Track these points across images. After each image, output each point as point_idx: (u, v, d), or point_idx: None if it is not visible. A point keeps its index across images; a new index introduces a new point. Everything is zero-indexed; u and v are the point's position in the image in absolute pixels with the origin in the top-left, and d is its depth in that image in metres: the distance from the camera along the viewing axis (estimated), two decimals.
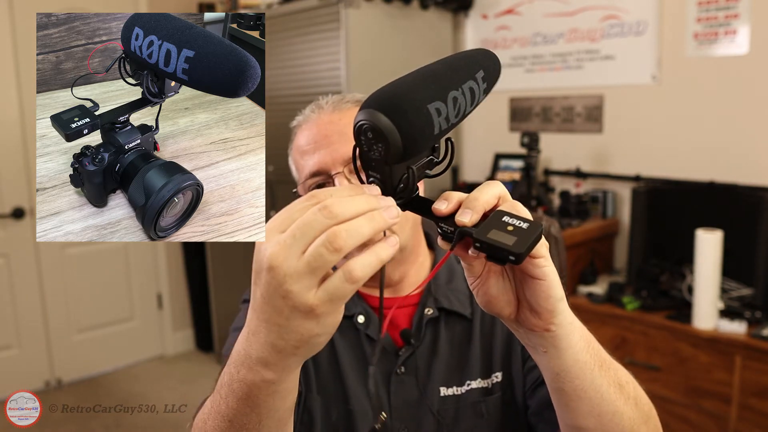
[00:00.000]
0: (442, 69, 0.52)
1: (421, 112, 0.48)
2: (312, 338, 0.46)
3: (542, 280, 0.53)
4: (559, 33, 2.52)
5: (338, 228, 0.43)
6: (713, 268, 1.80)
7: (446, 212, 0.52)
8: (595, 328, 2.10)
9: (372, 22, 2.46)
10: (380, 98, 0.48)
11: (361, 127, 0.48)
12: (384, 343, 0.89)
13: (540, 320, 0.55)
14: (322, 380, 0.88)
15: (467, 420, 0.86)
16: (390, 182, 0.51)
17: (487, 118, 2.81)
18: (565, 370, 0.58)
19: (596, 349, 0.61)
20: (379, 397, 0.86)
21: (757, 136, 2.07)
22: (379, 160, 0.49)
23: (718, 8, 2.09)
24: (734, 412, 1.77)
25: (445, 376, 0.87)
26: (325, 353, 0.89)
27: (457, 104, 0.51)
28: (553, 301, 0.54)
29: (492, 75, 0.56)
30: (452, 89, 0.51)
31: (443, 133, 0.52)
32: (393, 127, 0.47)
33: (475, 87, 0.54)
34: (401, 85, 0.49)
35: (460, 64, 0.54)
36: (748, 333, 1.76)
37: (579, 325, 0.59)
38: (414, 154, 0.50)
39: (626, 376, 0.64)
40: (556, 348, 0.57)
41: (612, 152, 2.43)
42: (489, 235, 0.48)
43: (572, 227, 2.21)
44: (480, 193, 0.52)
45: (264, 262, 0.44)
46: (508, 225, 0.49)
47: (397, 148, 0.48)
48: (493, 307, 0.57)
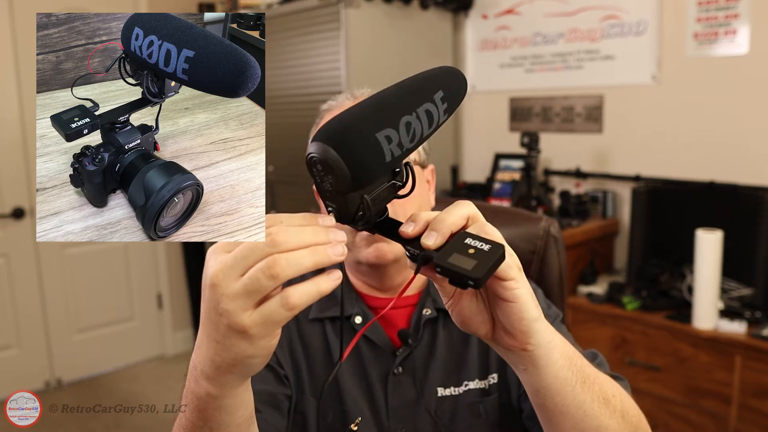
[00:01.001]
0: (395, 94, 0.52)
1: (369, 142, 0.48)
2: (246, 359, 0.46)
3: (513, 302, 0.53)
4: (559, 33, 2.52)
5: (279, 256, 0.44)
6: (713, 268, 1.80)
7: (412, 234, 0.51)
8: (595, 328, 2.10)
9: (372, 22, 2.46)
10: (329, 130, 0.48)
11: (311, 159, 0.49)
12: (381, 343, 0.89)
13: (515, 341, 0.55)
14: (317, 382, 0.88)
15: (464, 420, 0.86)
16: (346, 211, 0.51)
17: (487, 118, 2.81)
18: (545, 387, 0.58)
19: (579, 365, 0.60)
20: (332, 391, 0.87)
21: (757, 136, 2.07)
22: (332, 191, 0.50)
23: (718, 8, 2.09)
24: (734, 412, 1.77)
25: (442, 376, 0.87)
26: (320, 355, 0.89)
27: (411, 129, 0.51)
28: (527, 323, 0.54)
29: (455, 94, 0.55)
30: (405, 114, 0.50)
31: (398, 159, 0.51)
32: (340, 159, 0.47)
33: (432, 109, 0.53)
34: (350, 115, 0.49)
35: (416, 86, 0.53)
36: (748, 333, 1.76)
37: (560, 343, 0.59)
38: (366, 184, 0.50)
39: (613, 389, 0.64)
40: (535, 366, 0.57)
41: (612, 152, 2.43)
42: (449, 259, 0.48)
43: (572, 227, 2.21)
44: (447, 215, 0.52)
45: (207, 279, 0.46)
46: (470, 248, 0.49)
47: (346, 179, 0.48)
48: (468, 326, 0.57)
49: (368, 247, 0.86)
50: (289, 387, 0.87)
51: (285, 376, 0.87)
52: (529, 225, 1.16)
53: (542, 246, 1.14)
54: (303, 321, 0.92)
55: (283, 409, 0.84)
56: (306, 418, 0.86)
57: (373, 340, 0.89)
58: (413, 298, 0.93)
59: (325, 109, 0.95)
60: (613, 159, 2.42)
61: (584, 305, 2.07)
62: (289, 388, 0.87)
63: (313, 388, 0.88)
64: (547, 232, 1.14)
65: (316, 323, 0.92)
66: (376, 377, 0.87)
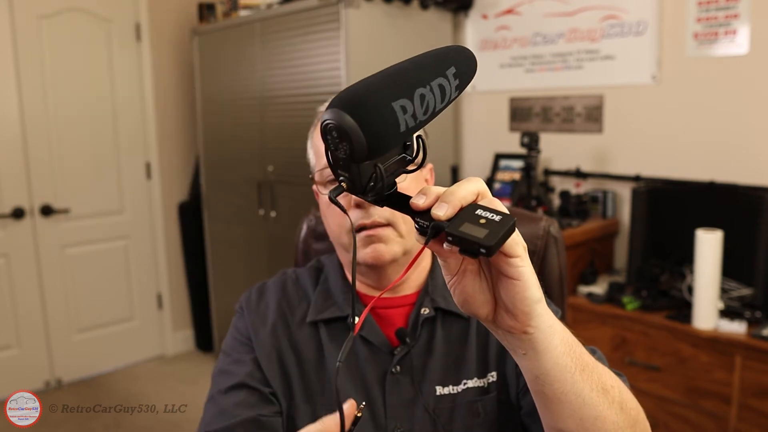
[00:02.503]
0: (409, 67, 0.53)
1: (385, 110, 0.49)
2: None
3: (517, 280, 0.53)
4: (559, 33, 2.52)
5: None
6: (713, 268, 1.80)
7: (423, 207, 0.52)
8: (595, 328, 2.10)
9: (372, 22, 2.46)
10: (345, 98, 0.49)
11: (327, 126, 0.49)
12: (378, 342, 0.89)
13: (517, 322, 0.55)
14: (309, 389, 0.88)
15: (463, 419, 0.85)
16: (359, 180, 0.51)
17: (487, 118, 2.81)
18: (544, 373, 0.58)
19: (578, 353, 0.60)
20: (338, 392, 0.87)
21: (757, 136, 2.07)
22: (346, 159, 0.50)
23: (718, 8, 2.09)
24: (734, 412, 1.77)
25: (440, 375, 0.87)
26: (312, 362, 0.89)
27: (425, 102, 0.51)
28: (530, 303, 0.54)
29: (466, 72, 0.56)
30: (419, 87, 0.51)
31: (411, 131, 0.52)
32: (356, 126, 0.48)
33: (445, 84, 0.53)
34: (366, 84, 0.50)
35: (429, 61, 0.54)
36: (748, 333, 1.76)
37: (560, 329, 0.58)
38: (381, 153, 0.50)
39: (611, 380, 0.63)
40: (535, 350, 0.56)
41: (612, 152, 2.43)
42: (461, 228, 0.48)
43: (572, 227, 2.21)
44: (457, 188, 0.52)
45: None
46: (481, 218, 0.49)
47: (362, 146, 0.48)
48: (470, 306, 0.57)
49: (365, 247, 0.86)
50: (276, 404, 0.87)
51: (272, 394, 0.87)
52: (529, 225, 1.16)
53: (542, 246, 1.14)
54: (294, 327, 0.92)
55: (274, 428, 0.85)
56: (296, 425, 0.86)
57: (369, 340, 0.89)
58: (411, 297, 0.93)
59: (321, 110, 0.95)
60: (613, 159, 2.42)
61: (584, 305, 2.08)
62: (277, 404, 0.87)
63: (304, 393, 0.88)
64: (547, 232, 1.14)
65: (309, 328, 0.92)
66: (373, 377, 0.87)
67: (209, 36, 3.13)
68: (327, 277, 0.97)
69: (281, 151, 2.77)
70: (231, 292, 3.24)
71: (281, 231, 2.83)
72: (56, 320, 3.12)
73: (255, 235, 3.02)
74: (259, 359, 0.89)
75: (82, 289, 3.20)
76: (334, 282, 0.96)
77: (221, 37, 3.05)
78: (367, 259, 0.86)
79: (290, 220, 2.74)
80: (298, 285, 0.98)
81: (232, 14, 2.98)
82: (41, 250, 3.04)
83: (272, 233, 2.90)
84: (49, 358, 3.11)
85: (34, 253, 3.02)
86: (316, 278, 0.98)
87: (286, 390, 0.88)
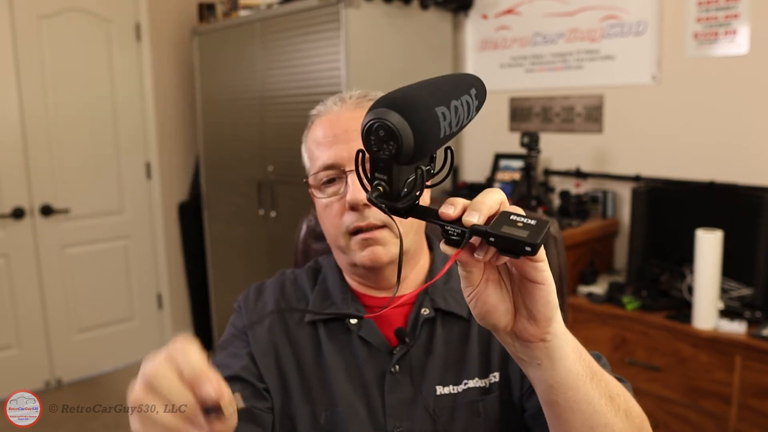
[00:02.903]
0: (441, 81, 0.55)
1: (430, 112, 0.50)
2: None
3: (542, 284, 0.54)
4: (559, 33, 2.52)
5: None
6: (713, 268, 1.80)
7: (454, 216, 0.53)
8: (595, 328, 2.10)
9: (372, 22, 2.46)
10: (393, 99, 0.50)
11: (372, 126, 0.50)
12: (377, 342, 0.89)
13: (537, 328, 0.56)
14: (307, 387, 0.88)
15: (463, 419, 0.85)
16: (396, 185, 0.52)
17: (487, 118, 2.81)
18: (558, 381, 0.58)
19: (587, 360, 0.61)
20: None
21: (757, 136, 2.07)
22: (388, 160, 0.50)
23: (718, 8, 2.09)
24: (734, 412, 1.77)
25: (440, 374, 0.87)
26: (311, 360, 0.89)
27: (458, 113, 0.53)
28: (552, 308, 0.55)
29: (481, 96, 0.59)
30: (453, 99, 0.53)
31: (445, 140, 0.53)
32: (406, 124, 0.49)
33: (470, 101, 0.56)
34: (406, 90, 0.51)
35: (456, 79, 0.56)
36: (748, 333, 1.76)
37: (571, 336, 0.60)
38: (422, 156, 0.52)
39: (617, 388, 0.64)
40: (551, 359, 0.57)
41: (612, 152, 2.43)
42: (502, 229, 0.50)
43: (572, 227, 2.21)
44: (485, 198, 0.53)
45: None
46: (518, 222, 0.51)
47: (409, 145, 0.49)
48: (492, 316, 0.57)
49: (363, 250, 0.86)
50: (269, 400, 0.87)
51: (265, 389, 0.87)
52: None
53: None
54: (293, 327, 0.92)
55: (263, 423, 0.84)
56: (295, 424, 0.86)
57: (368, 340, 0.89)
58: (411, 297, 0.93)
59: (314, 114, 0.94)
60: (613, 159, 2.42)
61: (584, 305, 2.07)
62: (269, 400, 0.87)
63: (302, 392, 0.88)
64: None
65: (308, 327, 0.91)
66: (371, 377, 0.87)
67: (209, 36, 3.13)
68: (325, 277, 0.97)
69: (281, 151, 2.77)
70: (231, 292, 3.24)
71: (281, 231, 2.83)
72: (56, 320, 3.12)
73: (255, 235, 3.02)
74: (255, 355, 0.89)
75: (82, 289, 3.20)
76: (332, 282, 0.96)
77: (221, 37, 3.05)
78: (365, 261, 0.86)
79: (290, 220, 2.74)
80: (296, 285, 0.98)
81: (232, 14, 2.98)
82: (41, 250, 3.04)
83: (272, 233, 2.90)
84: (49, 358, 3.11)
85: (34, 253, 3.02)
86: (314, 279, 0.99)
87: (281, 387, 0.88)
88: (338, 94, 0.94)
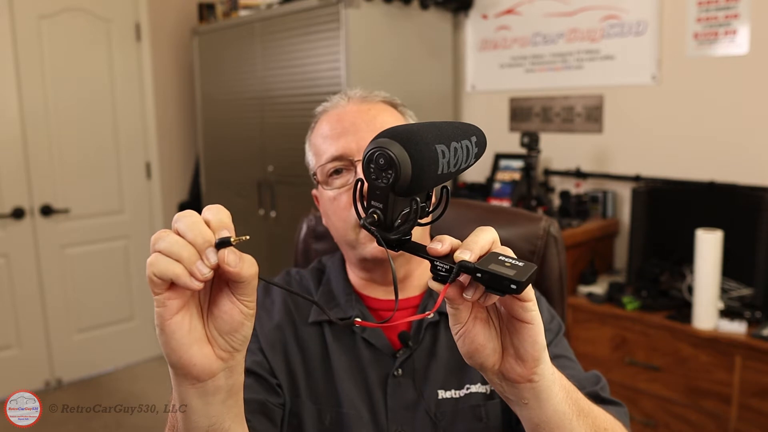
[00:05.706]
0: (446, 124, 0.57)
1: (430, 147, 0.52)
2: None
3: (530, 323, 0.55)
4: (559, 33, 2.52)
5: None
6: (713, 268, 1.80)
7: (443, 252, 0.54)
8: (595, 328, 2.10)
9: (372, 22, 2.46)
10: (395, 131, 0.53)
11: (373, 154, 0.52)
12: (381, 345, 0.89)
13: (525, 369, 0.56)
14: (314, 386, 0.88)
15: (465, 423, 0.85)
16: (390, 214, 0.54)
17: (487, 118, 2.81)
18: (545, 420, 0.59)
19: (575, 398, 0.62)
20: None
21: (757, 136, 2.07)
22: (385, 188, 0.52)
23: (718, 8, 2.09)
24: (734, 412, 1.77)
25: (443, 379, 0.87)
26: (318, 359, 0.89)
27: (457, 155, 0.55)
28: (540, 348, 0.56)
29: (481, 144, 0.60)
30: (454, 140, 0.55)
31: (443, 178, 0.55)
32: (406, 155, 0.51)
33: (470, 146, 0.57)
34: (408, 126, 0.54)
35: (459, 125, 0.58)
36: (748, 333, 1.76)
37: (558, 376, 0.61)
38: (419, 189, 0.53)
39: (606, 422, 0.65)
40: (538, 399, 0.58)
41: (612, 152, 2.43)
42: (490, 266, 0.51)
43: (572, 227, 2.21)
44: (477, 237, 0.55)
45: None
46: (506, 262, 0.52)
47: (407, 175, 0.51)
48: (479, 355, 0.58)
49: (372, 242, 0.86)
50: (281, 396, 0.87)
51: (278, 385, 0.87)
52: (529, 225, 1.16)
53: (542, 246, 1.14)
54: (300, 325, 0.92)
55: (275, 418, 0.84)
56: (302, 421, 0.86)
57: (372, 343, 0.88)
58: (415, 300, 0.93)
59: (319, 111, 0.95)
60: (613, 159, 2.42)
61: (584, 305, 2.07)
62: (282, 396, 0.87)
63: (309, 391, 0.88)
64: (547, 232, 1.14)
65: (315, 327, 0.91)
66: (375, 379, 0.87)
67: (209, 36, 3.13)
68: (329, 278, 0.97)
69: (281, 151, 2.77)
70: None
71: (281, 231, 2.83)
72: (56, 320, 3.12)
73: (255, 235, 3.02)
74: (264, 351, 0.89)
75: (82, 289, 3.19)
76: (336, 284, 0.96)
77: (221, 37, 3.05)
78: (375, 253, 0.86)
79: (290, 220, 2.74)
80: (302, 285, 0.99)
81: (232, 14, 2.98)
82: (41, 250, 3.04)
83: (272, 233, 2.90)
84: (49, 358, 3.11)
85: (34, 253, 3.02)
86: (318, 279, 0.99)
87: (290, 385, 0.88)
88: (343, 91, 0.95)
